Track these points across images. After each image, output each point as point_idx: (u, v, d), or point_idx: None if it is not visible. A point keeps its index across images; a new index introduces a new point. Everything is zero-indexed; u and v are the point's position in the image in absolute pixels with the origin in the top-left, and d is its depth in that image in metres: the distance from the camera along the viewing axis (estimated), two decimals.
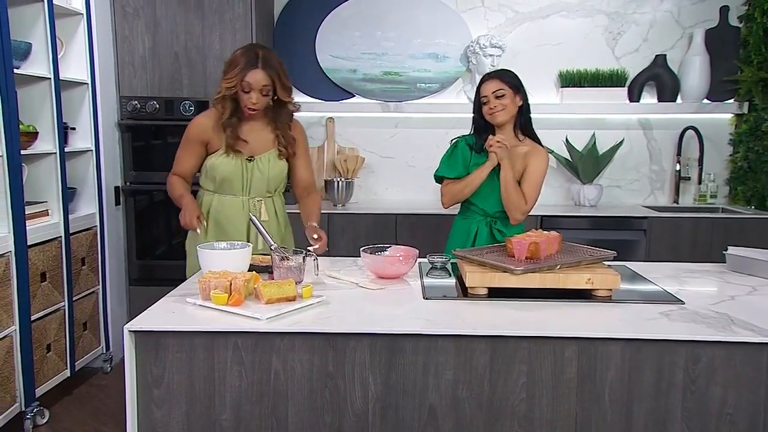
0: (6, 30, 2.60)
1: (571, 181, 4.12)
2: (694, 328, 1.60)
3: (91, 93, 3.29)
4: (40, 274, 2.88)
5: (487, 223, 2.55)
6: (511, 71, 2.58)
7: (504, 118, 2.48)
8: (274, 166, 2.46)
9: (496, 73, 2.52)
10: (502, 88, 2.45)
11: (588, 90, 4.02)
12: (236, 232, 2.43)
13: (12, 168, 2.64)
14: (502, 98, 2.45)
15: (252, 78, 2.30)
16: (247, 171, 2.41)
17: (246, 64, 2.30)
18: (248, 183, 2.43)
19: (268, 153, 2.45)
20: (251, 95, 2.32)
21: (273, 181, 2.49)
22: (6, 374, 2.64)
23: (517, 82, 2.50)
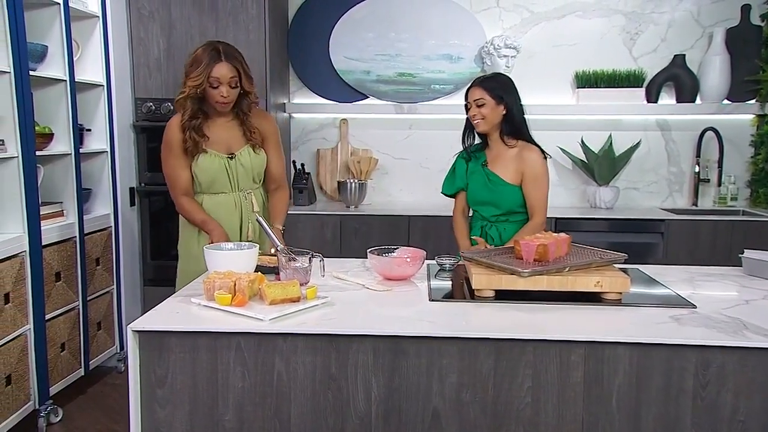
0: (22, 33, 2.64)
1: (587, 183, 4.06)
2: (705, 332, 1.56)
3: (107, 95, 3.32)
4: (54, 273, 2.91)
5: (481, 227, 2.55)
6: (501, 77, 2.54)
7: (483, 128, 2.47)
8: (255, 159, 2.47)
9: (481, 80, 2.49)
10: (482, 98, 2.43)
11: (604, 91, 3.97)
12: (232, 228, 2.43)
13: (27, 169, 2.67)
14: (482, 107, 2.43)
15: (218, 72, 2.29)
16: (231, 168, 2.42)
17: (210, 60, 2.29)
18: (235, 179, 2.44)
19: (246, 147, 2.46)
20: (221, 89, 2.31)
21: (257, 174, 2.50)
22: (20, 373, 2.67)
23: (502, 89, 2.44)
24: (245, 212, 2.45)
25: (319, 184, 4.11)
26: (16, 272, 2.63)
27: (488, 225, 2.53)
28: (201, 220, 2.39)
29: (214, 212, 2.43)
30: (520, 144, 2.48)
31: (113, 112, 3.37)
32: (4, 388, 2.57)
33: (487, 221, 2.53)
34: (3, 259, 2.56)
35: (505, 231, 2.50)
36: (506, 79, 2.51)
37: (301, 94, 4.12)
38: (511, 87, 2.47)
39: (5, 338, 2.57)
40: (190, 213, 2.40)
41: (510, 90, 2.46)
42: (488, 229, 2.52)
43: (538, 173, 2.44)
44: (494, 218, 2.50)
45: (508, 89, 2.45)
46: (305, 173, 3.85)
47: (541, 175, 2.45)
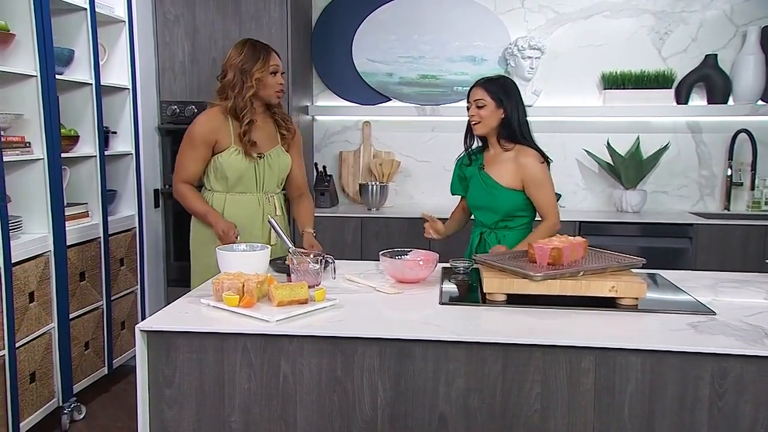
0: (49, 38, 2.70)
1: (614, 186, 3.98)
2: (722, 340, 1.51)
3: (132, 98, 3.37)
4: (79, 273, 2.97)
5: (480, 233, 2.52)
6: (504, 80, 2.49)
7: (481, 131, 2.44)
8: (283, 161, 2.51)
9: (482, 82, 2.45)
10: (483, 99, 2.39)
11: (632, 92, 3.89)
12: (255, 230, 2.44)
13: (52, 171, 2.73)
14: (481, 109, 2.39)
15: (275, 60, 2.44)
16: (259, 167, 2.44)
17: (265, 51, 2.41)
18: (261, 179, 2.46)
19: (276, 148, 2.49)
20: (278, 76, 2.43)
21: (282, 176, 2.54)
22: (44, 370, 2.73)
23: (503, 93, 2.40)
24: (266, 214, 2.46)
25: (342, 187, 4.12)
26: (41, 272, 2.69)
27: (487, 232, 2.48)
28: (203, 211, 2.42)
29: (236, 212, 2.45)
30: (516, 148, 2.43)
31: (138, 115, 3.42)
32: (28, 385, 2.63)
33: (486, 228, 2.49)
34: (28, 259, 2.61)
35: (504, 238, 2.45)
36: (509, 82, 2.46)
37: (324, 96, 4.13)
38: (513, 91, 2.43)
39: (30, 336, 2.62)
40: (189, 200, 2.44)
41: (511, 94, 2.42)
42: (487, 236, 2.48)
43: (537, 177, 2.38)
44: (493, 224, 2.46)
45: (509, 93, 2.41)
46: (327, 175, 3.86)
47: (542, 178, 2.39)
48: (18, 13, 2.61)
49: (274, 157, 2.47)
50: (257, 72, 2.36)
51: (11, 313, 2.47)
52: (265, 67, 2.37)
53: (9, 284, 2.46)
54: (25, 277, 2.58)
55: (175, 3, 3.56)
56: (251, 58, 2.38)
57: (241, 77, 2.37)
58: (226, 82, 2.40)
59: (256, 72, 2.36)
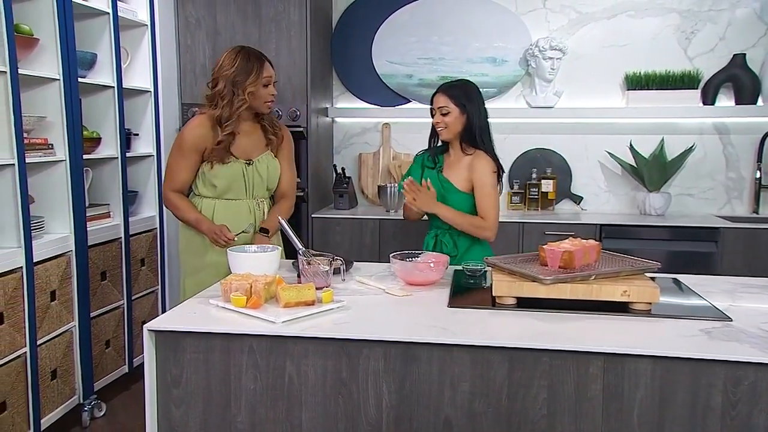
0: (72, 42, 2.75)
1: (637, 189, 3.91)
2: (736, 347, 1.47)
3: (154, 100, 3.43)
4: (100, 273, 3.02)
5: (434, 235, 2.52)
6: (466, 84, 2.49)
7: (446, 137, 2.47)
8: (272, 166, 2.50)
9: (445, 88, 2.46)
10: (446, 106, 2.41)
11: (657, 92, 3.82)
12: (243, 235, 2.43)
13: (74, 172, 2.78)
14: (446, 116, 2.42)
15: (268, 71, 2.40)
16: (248, 174, 2.42)
17: (259, 62, 2.37)
18: (251, 186, 2.45)
19: (266, 154, 2.48)
20: (270, 87, 2.40)
21: (271, 182, 2.52)
22: (66, 367, 2.78)
23: (466, 97, 2.42)
24: (258, 220, 2.46)
25: (361, 189, 4.12)
26: (63, 271, 2.74)
27: (442, 232, 2.50)
28: (195, 219, 2.40)
29: (226, 218, 2.43)
30: (475, 153, 2.44)
31: (160, 117, 3.47)
32: (49, 382, 2.68)
33: (440, 228, 2.50)
34: (50, 258, 2.67)
35: (459, 238, 2.46)
36: (471, 87, 2.47)
37: (344, 98, 4.14)
38: (476, 95, 2.45)
39: (51, 334, 2.68)
40: (180, 209, 2.41)
41: (473, 99, 2.43)
42: (442, 237, 2.49)
43: (483, 181, 2.41)
44: (448, 226, 2.46)
45: (471, 98, 2.43)
46: (346, 177, 3.86)
47: (487, 183, 2.41)
48: (42, 18, 2.67)
49: (263, 164, 2.46)
50: (250, 86, 2.32)
51: (33, 311, 2.53)
52: (258, 80, 2.33)
53: (31, 283, 2.51)
54: (47, 276, 2.64)
55: (197, 6, 3.60)
56: (244, 70, 2.32)
57: (232, 89, 2.32)
58: (216, 91, 2.35)
59: (249, 86, 2.32)
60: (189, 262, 2.43)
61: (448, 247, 2.45)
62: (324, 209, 3.86)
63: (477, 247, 2.47)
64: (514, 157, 4.01)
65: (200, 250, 2.40)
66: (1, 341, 2.38)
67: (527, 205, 3.94)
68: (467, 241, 2.46)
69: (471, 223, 2.41)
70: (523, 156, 4.01)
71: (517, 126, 4.00)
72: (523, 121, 4.00)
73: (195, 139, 2.38)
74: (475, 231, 2.43)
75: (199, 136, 2.38)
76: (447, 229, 2.48)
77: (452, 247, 2.45)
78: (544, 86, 3.88)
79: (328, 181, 3.99)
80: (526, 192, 3.93)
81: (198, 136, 2.38)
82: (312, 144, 3.65)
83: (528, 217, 3.68)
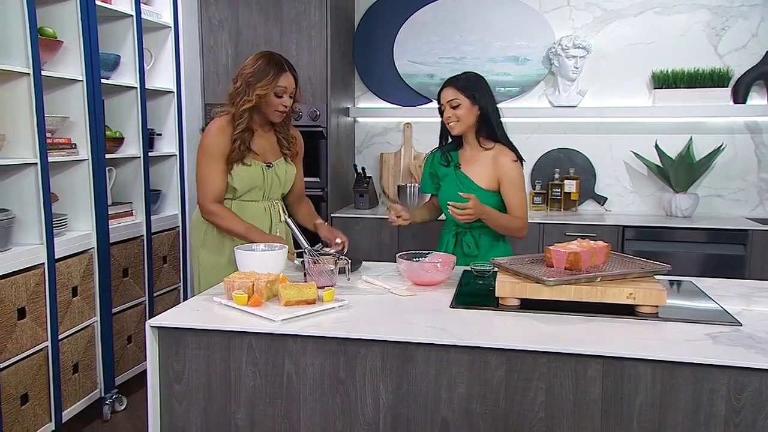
0: (95, 44, 2.82)
1: (663, 190, 3.82)
2: (741, 352, 1.42)
3: (177, 101, 3.49)
4: (122, 270, 3.09)
5: (454, 234, 2.46)
6: (473, 75, 2.41)
7: (459, 130, 2.38)
8: (289, 171, 2.51)
9: (452, 80, 2.38)
10: (456, 98, 2.33)
11: (685, 91, 3.72)
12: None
13: (96, 171, 2.85)
14: (457, 108, 2.34)
15: (285, 81, 2.35)
16: (267, 177, 2.43)
17: (277, 69, 2.34)
18: (269, 188, 2.45)
19: (281, 158, 2.49)
20: (284, 99, 2.36)
21: (287, 185, 2.53)
22: (87, 361, 2.85)
23: (475, 89, 2.34)
24: (274, 219, 2.47)
25: (382, 188, 4.12)
26: (85, 267, 2.81)
27: (463, 231, 2.43)
28: (244, 230, 2.30)
29: (244, 218, 2.42)
30: (496, 147, 2.37)
31: (183, 118, 3.53)
32: (71, 375, 2.75)
33: (461, 227, 2.44)
34: (72, 255, 2.74)
35: (480, 237, 2.40)
36: (478, 77, 2.40)
37: (365, 98, 4.15)
38: (484, 86, 2.38)
39: (73, 329, 2.75)
40: (228, 220, 2.33)
41: (483, 89, 2.36)
42: (463, 236, 2.43)
43: (515, 179, 2.35)
44: (468, 225, 2.39)
45: (480, 88, 2.36)
46: (366, 177, 3.87)
47: (517, 179, 2.36)
48: (66, 21, 2.75)
49: (282, 167, 2.47)
50: (260, 89, 2.30)
51: (54, 306, 2.59)
52: (269, 86, 2.31)
53: (53, 279, 2.58)
54: (69, 273, 2.71)
55: (220, 8, 3.65)
56: (260, 72, 2.32)
57: (245, 89, 2.32)
58: (234, 89, 2.38)
59: (258, 88, 2.30)
60: (205, 258, 2.45)
61: (469, 247, 2.41)
62: (344, 209, 3.88)
63: (499, 246, 2.42)
64: (536, 158, 3.96)
65: (217, 247, 2.42)
66: (24, 335, 2.45)
67: (549, 206, 3.89)
68: (489, 240, 2.41)
69: (512, 228, 2.35)
70: (545, 156, 3.96)
71: (539, 126, 3.95)
72: (546, 121, 3.95)
73: (221, 145, 2.35)
74: (513, 232, 2.39)
75: (220, 142, 2.36)
76: (468, 228, 2.42)
77: (473, 246, 2.40)
78: (567, 85, 3.82)
79: (349, 181, 4.00)
80: (548, 192, 3.88)
81: (219, 143, 2.35)
82: (332, 144, 3.67)
83: (550, 217, 3.63)
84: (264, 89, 2.31)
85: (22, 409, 2.46)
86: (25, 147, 2.51)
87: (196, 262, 2.53)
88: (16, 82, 2.48)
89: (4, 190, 2.53)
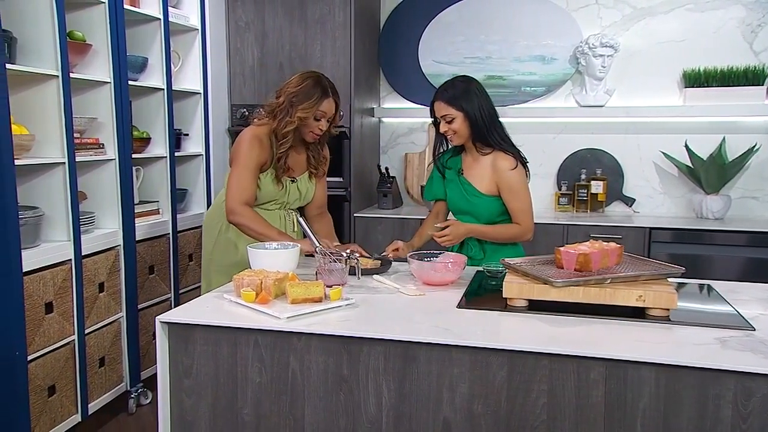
0: (123, 47, 2.90)
1: (694, 191, 3.73)
2: (749, 357, 1.39)
3: (204, 102, 3.55)
4: (148, 267, 3.16)
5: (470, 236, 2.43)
6: (461, 83, 2.33)
7: (459, 142, 2.36)
8: (310, 186, 2.53)
9: (440, 94, 2.33)
10: (447, 113, 2.29)
11: (717, 90, 3.63)
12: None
13: (123, 170, 2.92)
14: (452, 123, 2.30)
15: (327, 107, 2.35)
16: (289, 191, 2.45)
17: (322, 94, 2.34)
18: (288, 200, 2.48)
19: (305, 174, 2.52)
20: (321, 122, 2.37)
21: (306, 199, 2.55)
22: (113, 355, 2.93)
23: (463, 99, 2.28)
24: (288, 228, 2.49)
25: (406, 188, 4.12)
26: (111, 264, 2.89)
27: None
28: (276, 234, 2.28)
29: None
30: (494, 152, 2.34)
31: (209, 118, 3.59)
32: (97, 369, 2.83)
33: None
34: (99, 252, 2.82)
35: (485, 242, 2.39)
36: (467, 83, 2.33)
37: (390, 98, 4.17)
38: (470, 92, 2.30)
39: (99, 323, 2.83)
40: (257, 224, 2.30)
41: (468, 96, 2.29)
42: (468, 240, 2.41)
43: (512, 183, 2.31)
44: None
45: (468, 96, 2.29)
46: (390, 177, 3.88)
47: (517, 184, 2.31)
48: (95, 25, 2.83)
49: (304, 182, 2.50)
50: (301, 111, 2.31)
51: (81, 301, 2.67)
52: (311, 109, 2.31)
53: (79, 275, 2.66)
54: (96, 269, 2.79)
55: (247, 10, 3.71)
56: (304, 94, 2.32)
57: (288, 108, 2.33)
58: (276, 104, 2.38)
59: (300, 110, 2.31)
60: (218, 260, 2.49)
61: (473, 250, 2.39)
62: (368, 209, 3.89)
63: (506, 250, 2.40)
64: (562, 158, 3.92)
65: (230, 249, 2.47)
66: (51, 329, 2.53)
67: (576, 207, 3.83)
68: (494, 244, 2.39)
69: (509, 236, 2.35)
70: (572, 156, 3.91)
71: (565, 126, 3.91)
72: (572, 121, 3.90)
73: (254, 158, 2.36)
74: (514, 239, 2.38)
75: (257, 153, 2.37)
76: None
77: (477, 250, 2.39)
78: (594, 84, 3.77)
79: (373, 181, 4.02)
80: (574, 193, 3.83)
81: (256, 155, 2.36)
82: (355, 144, 3.69)
83: (575, 219, 3.58)
84: (305, 111, 2.31)
85: (50, 400, 2.54)
86: (53, 147, 2.59)
87: (207, 263, 2.57)
88: (46, 84, 2.56)
89: (33, 189, 2.61)
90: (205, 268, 2.60)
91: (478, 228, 2.34)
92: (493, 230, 2.35)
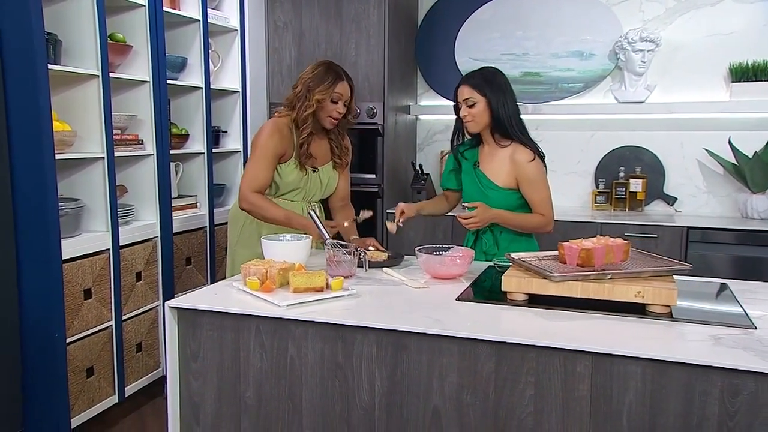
0: (162, 48, 3.04)
1: (740, 191, 3.59)
2: (739, 355, 1.35)
3: (242, 100, 3.67)
4: (185, 258, 3.30)
5: (474, 231, 2.42)
6: (487, 71, 2.33)
7: (476, 129, 2.34)
8: (333, 177, 2.59)
9: (467, 78, 2.33)
10: (471, 97, 2.28)
11: (765, 84, 3.48)
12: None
13: (161, 165, 3.07)
14: (473, 107, 2.28)
15: (342, 89, 2.44)
16: (311, 181, 2.52)
17: (336, 76, 2.43)
18: (310, 191, 2.54)
19: (328, 164, 2.57)
20: (338, 105, 2.44)
21: (328, 191, 2.61)
22: (150, 342, 3.08)
23: (489, 85, 2.27)
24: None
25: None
26: (148, 255, 3.03)
27: (483, 229, 2.39)
28: (285, 217, 2.38)
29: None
30: (512, 144, 2.31)
31: (247, 116, 3.72)
32: (135, 354, 2.98)
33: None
34: (136, 243, 2.97)
35: (501, 235, 2.36)
36: (495, 73, 2.32)
37: (427, 96, 4.19)
38: (497, 82, 2.29)
39: (137, 311, 2.98)
40: (266, 208, 2.39)
41: (494, 85, 2.28)
42: (482, 234, 2.39)
43: (532, 175, 2.28)
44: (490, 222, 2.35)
45: (494, 85, 2.28)
46: (424, 174, 3.90)
47: (536, 176, 2.29)
48: (136, 27, 2.98)
49: (326, 173, 2.55)
50: (318, 93, 2.39)
51: (119, 289, 2.83)
52: (327, 91, 2.40)
53: (117, 264, 2.81)
54: (133, 259, 2.93)
55: (285, 11, 3.81)
56: (319, 78, 2.42)
57: (306, 93, 2.42)
58: (294, 94, 2.48)
59: (317, 93, 2.39)
60: (242, 255, 2.58)
61: (487, 244, 2.39)
62: None
63: (521, 243, 2.39)
64: (600, 155, 3.84)
65: (253, 240, 2.55)
66: (89, 314, 2.69)
67: (614, 205, 3.75)
68: (509, 236, 2.38)
69: (533, 226, 2.34)
70: (610, 154, 3.82)
71: (604, 123, 3.83)
72: (611, 117, 3.82)
73: (278, 144, 2.44)
74: (534, 230, 2.37)
75: (280, 139, 2.45)
76: (488, 226, 2.40)
77: (492, 244, 2.39)
78: (634, 80, 3.68)
79: (408, 178, 4.05)
80: (612, 192, 3.75)
81: (275, 145, 2.44)
82: (388, 141, 3.73)
83: (612, 217, 3.51)
84: (322, 94, 2.40)
85: (88, 381, 2.70)
86: (94, 143, 2.75)
87: (231, 257, 2.67)
88: (87, 83, 2.72)
89: (75, 182, 2.78)
90: (231, 260, 2.70)
91: (505, 214, 2.31)
92: (519, 218, 2.34)
